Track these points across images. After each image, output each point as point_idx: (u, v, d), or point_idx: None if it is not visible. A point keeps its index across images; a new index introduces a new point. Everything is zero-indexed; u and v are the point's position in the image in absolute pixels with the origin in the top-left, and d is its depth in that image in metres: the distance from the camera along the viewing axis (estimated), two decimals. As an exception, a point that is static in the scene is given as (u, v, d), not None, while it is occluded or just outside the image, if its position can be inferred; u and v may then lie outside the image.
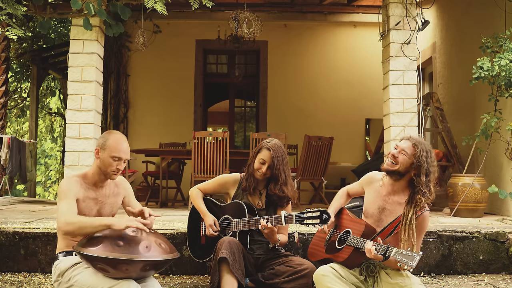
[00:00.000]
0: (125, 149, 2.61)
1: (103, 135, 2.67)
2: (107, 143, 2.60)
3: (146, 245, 2.34)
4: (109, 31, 4.73)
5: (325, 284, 2.64)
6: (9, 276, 3.51)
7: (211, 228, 3.13)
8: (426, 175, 2.69)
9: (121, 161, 2.60)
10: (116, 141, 2.60)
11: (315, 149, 6.18)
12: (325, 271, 2.69)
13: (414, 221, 2.69)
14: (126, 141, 2.65)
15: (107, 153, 2.58)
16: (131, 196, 2.84)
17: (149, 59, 8.52)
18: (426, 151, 2.72)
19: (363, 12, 7.93)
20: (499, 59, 4.37)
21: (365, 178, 3.05)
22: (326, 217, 2.82)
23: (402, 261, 2.44)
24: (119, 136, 2.64)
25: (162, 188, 6.61)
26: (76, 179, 2.64)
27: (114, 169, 2.60)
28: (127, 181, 2.91)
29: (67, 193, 2.54)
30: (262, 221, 2.96)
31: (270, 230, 2.97)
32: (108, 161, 2.59)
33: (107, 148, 2.59)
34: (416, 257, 2.41)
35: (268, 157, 3.12)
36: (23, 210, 5.21)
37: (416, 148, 2.70)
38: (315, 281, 2.73)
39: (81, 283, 2.42)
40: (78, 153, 4.57)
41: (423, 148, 2.71)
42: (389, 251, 2.52)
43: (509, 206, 5.09)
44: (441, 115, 6.08)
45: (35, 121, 8.79)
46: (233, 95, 9.72)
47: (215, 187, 3.35)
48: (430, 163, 2.70)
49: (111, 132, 2.69)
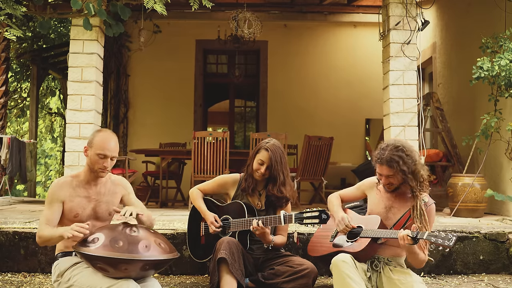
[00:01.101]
0: (111, 147, 2.61)
1: (92, 134, 2.70)
2: (94, 140, 2.62)
3: (145, 244, 2.35)
4: (109, 31, 4.73)
5: (344, 270, 2.64)
6: (9, 276, 3.51)
7: (213, 225, 3.13)
8: (414, 176, 2.76)
9: (107, 159, 2.60)
10: (102, 139, 2.61)
11: (315, 149, 6.18)
12: (346, 258, 2.69)
13: (424, 208, 2.76)
14: (113, 139, 2.64)
15: (93, 151, 2.60)
16: (131, 195, 2.84)
17: (149, 59, 8.52)
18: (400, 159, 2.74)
19: (363, 12, 7.93)
20: (499, 59, 4.37)
21: (366, 184, 3.10)
22: (325, 217, 2.82)
23: (437, 242, 2.47)
24: (106, 134, 2.65)
25: (162, 188, 6.61)
26: (66, 180, 2.68)
27: (101, 167, 2.61)
28: (127, 181, 2.91)
29: (49, 200, 2.62)
30: (254, 222, 2.95)
31: (261, 231, 2.96)
32: (94, 159, 2.60)
33: (93, 146, 2.61)
34: (453, 238, 2.45)
35: (266, 157, 3.11)
36: (23, 210, 5.21)
37: (392, 167, 2.74)
38: (334, 266, 2.69)
39: (81, 283, 2.42)
40: (78, 153, 4.57)
41: (398, 160, 2.74)
42: (421, 234, 2.55)
43: (509, 206, 5.09)
44: (441, 115, 6.08)
45: (35, 121, 8.78)
46: (233, 95, 9.72)
47: (214, 187, 3.35)
48: (410, 164, 2.75)
49: (100, 130, 2.71)
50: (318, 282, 3.34)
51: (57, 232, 2.45)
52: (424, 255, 2.74)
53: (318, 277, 3.05)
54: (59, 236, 2.43)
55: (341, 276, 2.64)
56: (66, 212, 2.63)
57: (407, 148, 2.78)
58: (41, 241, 2.53)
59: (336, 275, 2.68)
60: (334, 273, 2.70)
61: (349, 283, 2.61)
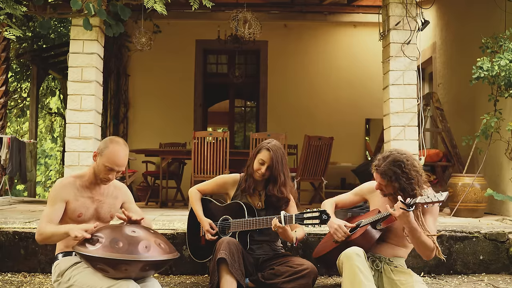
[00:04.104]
0: (120, 162, 2.61)
1: (105, 141, 2.67)
2: (105, 151, 2.61)
3: (145, 245, 2.34)
4: (109, 31, 4.73)
5: (356, 263, 2.60)
6: (9, 276, 3.51)
7: (208, 232, 3.14)
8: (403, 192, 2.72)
9: (113, 172, 2.62)
10: (114, 153, 2.60)
11: (315, 149, 6.18)
12: (359, 251, 2.66)
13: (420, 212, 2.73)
14: (124, 153, 2.63)
15: (102, 161, 2.60)
16: (131, 203, 2.85)
17: (149, 59, 8.51)
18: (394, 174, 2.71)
19: (363, 12, 7.93)
20: (499, 59, 4.37)
21: (365, 189, 3.11)
22: (325, 218, 2.81)
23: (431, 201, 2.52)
24: (118, 148, 2.62)
25: (162, 188, 6.61)
26: (70, 180, 2.68)
27: (105, 177, 2.63)
28: (127, 188, 2.92)
29: (52, 199, 2.61)
30: (275, 220, 2.90)
31: (283, 229, 2.91)
32: (101, 168, 2.62)
33: (104, 155, 2.61)
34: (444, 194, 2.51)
35: (267, 157, 3.11)
36: (23, 210, 5.21)
37: (384, 179, 2.74)
38: (346, 258, 2.65)
39: (81, 283, 2.42)
40: (78, 153, 4.57)
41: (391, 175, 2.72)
42: (413, 200, 2.58)
43: (509, 206, 5.10)
44: (441, 115, 6.08)
45: (35, 121, 8.79)
46: (233, 95, 9.72)
47: (214, 187, 3.34)
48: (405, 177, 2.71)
49: (114, 140, 2.66)
50: (318, 282, 3.34)
51: (61, 229, 2.43)
52: (429, 240, 2.67)
53: (318, 277, 3.04)
54: (64, 233, 2.41)
55: (352, 270, 2.59)
56: (69, 212, 2.63)
57: (406, 165, 2.73)
58: (41, 238, 2.51)
59: (348, 268, 2.62)
60: (345, 266, 2.64)
61: (360, 278, 2.56)
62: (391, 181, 2.73)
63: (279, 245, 3.30)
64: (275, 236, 3.25)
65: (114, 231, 2.39)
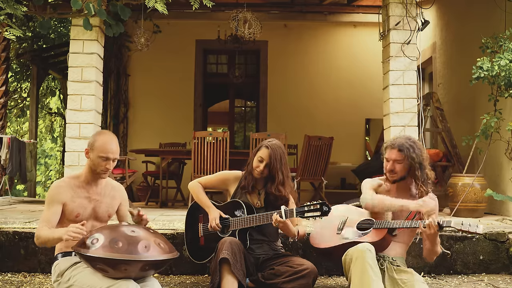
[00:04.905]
0: (113, 149, 2.65)
1: (93, 136, 2.72)
2: (95, 144, 2.65)
3: (145, 245, 2.34)
4: (109, 31, 4.73)
5: (367, 260, 2.62)
6: (9, 276, 3.51)
7: (214, 221, 3.11)
8: (420, 168, 2.85)
9: (109, 161, 2.64)
10: (104, 142, 2.64)
11: (315, 149, 6.18)
12: (371, 247, 2.68)
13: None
14: (114, 141, 2.68)
15: (96, 153, 2.63)
16: (125, 206, 2.88)
17: (149, 59, 8.51)
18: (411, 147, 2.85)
19: (363, 12, 7.92)
20: (498, 59, 4.36)
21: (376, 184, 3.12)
22: (326, 209, 2.83)
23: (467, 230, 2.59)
24: (107, 137, 2.68)
25: (162, 188, 6.61)
26: (65, 182, 2.69)
27: (103, 169, 2.65)
28: (125, 190, 2.94)
29: (49, 202, 2.62)
30: (275, 215, 2.93)
31: (284, 223, 2.94)
32: (97, 161, 2.63)
33: (95, 148, 2.64)
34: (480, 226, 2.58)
35: (266, 155, 3.12)
36: (23, 210, 5.21)
37: (403, 152, 2.85)
38: (358, 254, 2.66)
39: (81, 283, 2.43)
40: (78, 153, 4.57)
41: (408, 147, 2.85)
42: (447, 222, 2.66)
43: (509, 206, 5.09)
44: (441, 115, 6.08)
45: (35, 121, 8.78)
46: (233, 95, 9.72)
47: (216, 182, 3.34)
48: (420, 155, 2.86)
49: (100, 132, 2.73)
50: (318, 282, 3.34)
51: (55, 235, 2.45)
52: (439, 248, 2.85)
53: (318, 277, 3.04)
54: (57, 239, 2.44)
55: (363, 266, 2.61)
56: (67, 213, 2.63)
57: (418, 143, 2.92)
58: (39, 242, 2.54)
59: (358, 263, 2.63)
60: (355, 262, 2.65)
61: (370, 274, 2.58)
62: (409, 153, 2.82)
63: (279, 245, 3.30)
64: (275, 236, 3.25)
65: (113, 231, 2.39)
